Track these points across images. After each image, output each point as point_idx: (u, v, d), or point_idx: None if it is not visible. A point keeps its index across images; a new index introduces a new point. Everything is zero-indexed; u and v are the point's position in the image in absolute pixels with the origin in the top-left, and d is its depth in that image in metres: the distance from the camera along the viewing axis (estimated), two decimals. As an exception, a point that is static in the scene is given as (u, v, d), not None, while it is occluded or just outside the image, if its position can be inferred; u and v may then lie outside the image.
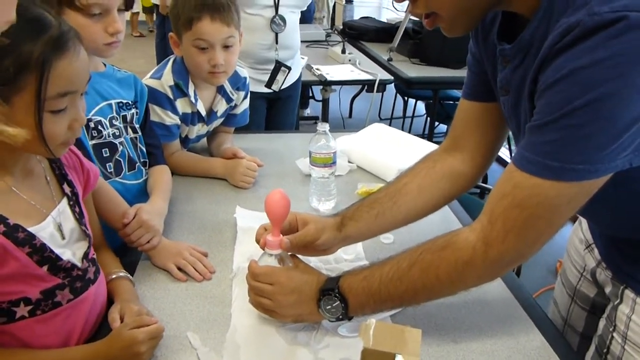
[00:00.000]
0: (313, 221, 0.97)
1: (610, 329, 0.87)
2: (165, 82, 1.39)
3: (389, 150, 1.57)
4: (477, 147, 0.98)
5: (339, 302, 0.84)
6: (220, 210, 1.29)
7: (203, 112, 1.48)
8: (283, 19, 1.93)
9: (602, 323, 0.91)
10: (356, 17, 4.02)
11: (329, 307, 0.85)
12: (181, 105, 1.43)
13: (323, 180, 1.31)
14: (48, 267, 0.79)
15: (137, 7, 7.26)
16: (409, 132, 1.87)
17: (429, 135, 3.01)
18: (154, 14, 5.60)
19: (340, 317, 0.85)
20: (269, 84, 2.02)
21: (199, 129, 1.53)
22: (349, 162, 1.57)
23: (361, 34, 3.46)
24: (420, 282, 0.81)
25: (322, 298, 0.85)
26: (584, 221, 1.03)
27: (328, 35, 3.42)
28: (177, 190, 1.35)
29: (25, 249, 0.75)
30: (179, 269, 1.04)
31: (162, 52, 5.36)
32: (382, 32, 3.41)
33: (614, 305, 0.87)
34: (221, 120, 1.59)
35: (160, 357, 0.83)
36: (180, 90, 1.41)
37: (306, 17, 3.90)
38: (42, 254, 0.77)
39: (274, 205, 0.91)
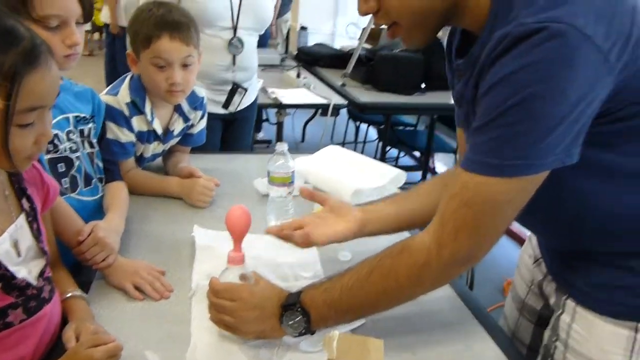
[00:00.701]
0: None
1: (554, 339, 0.92)
2: (122, 99, 1.37)
3: (345, 171, 1.60)
4: None
5: (301, 316, 0.85)
6: (177, 229, 1.28)
7: (159, 131, 1.47)
8: (241, 41, 1.95)
9: (547, 334, 0.96)
10: (310, 43, 4.11)
11: (291, 322, 0.86)
12: (137, 123, 1.41)
13: (281, 200, 1.32)
14: (1, 285, 0.76)
15: (87, 25, 7.08)
16: (361, 156, 1.91)
17: (381, 159, 3.09)
18: (104, 33, 5.50)
19: (303, 331, 0.86)
20: (225, 105, 2.03)
21: (154, 148, 1.52)
22: (306, 182, 1.59)
23: (315, 60, 3.53)
24: (380, 287, 0.84)
25: (284, 313, 0.86)
26: (533, 238, 1.09)
27: (283, 59, 3.47)
28: (133, 209, 1.32)
29: (-21, 266, 0.72)
30: (136, 287, 1.02)
31: (112, 72, 5.25)
32: (335, 59, 3.50)
33: (557, 315, 0.92)
34: (178, 139, 1.58)
35: (118, 377, 0.81)
36: (136, 107, 1.40)
37: (262, 42, 3.95)
38: (-5, 271, 0.75)
39: (236, 220, 0.92)
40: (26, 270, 0.80)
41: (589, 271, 0.86)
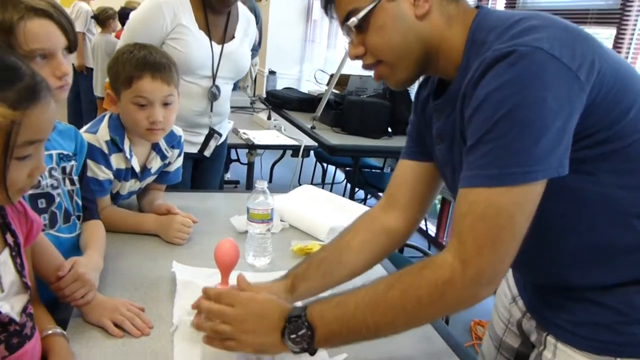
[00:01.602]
0: (265, 289, 0.99)
1: None
2: (101, 136, 1.38)
3: (319, 209, 1.64)
4: (409, 203, 1.07)
5: (305, 330, 0.83)
6: (154, 266, 1.27)
7: (137, 169, 1.47)
8: (218, 89, 2.00)
9: None
10: (279, 87, 4.20)
11: (294, 335, 0.84)
12: (115, 160, 1.42)
13: (260, 237, 1.34)
14: (-16, 320, 0.75)
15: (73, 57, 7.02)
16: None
17: (349, 200, 3.13)
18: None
19: (306, 347, 0.84)
20: (202, 150, 2.06)
21: (131, 185, 1.52)
22: (282, 220, 1.61)
23: (284, 103, 3.61)
24: (399, 303, 0.81)
25: (288, 325, 0.84)
26: (510, 277, 1.12)
27: (253, 102, 3.53)
28: (109, 247, 1.30)
29: (-38, 300, 0.71)
30: (115, 325, 1.00)
31: (75, 110, 5.22)
32: (304, 102, 3.58)
33: (539, 351, 0.94)
34: (154, 177, 1.59)
35: (100, 415, 0.79)
36: (115, 145, 1.41)
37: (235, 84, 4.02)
38: (-21, 306, 0.73)
39: (224, 253, 0.93)
40: (9, 306, 0.79)
41: (567, 308, 0.89)
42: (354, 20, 0.87)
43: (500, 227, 0.76)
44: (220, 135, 2.09)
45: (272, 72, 4.20)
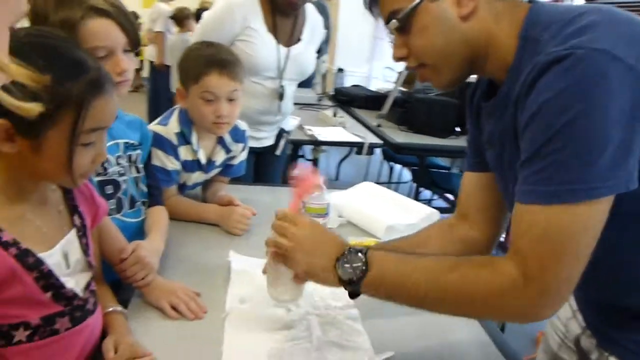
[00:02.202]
0: None
1: None
2: (171, 129, 1.45)
3: (378, 207, 1.63)
4: (481, 215, 1.03)
5: (361, 264, 0.83)
6: (212, 254, 1.32)
7: (203, 161, 1.53)
8: (284, 90, 2.04)
9: None
10: (347, 85, 4.21)
11: (348, 265, 0.84)
12: (183, 152, 1.48)
13: (315, 231, 1.35)
14: (52, 293, 0.81)
15: (137, 63, 7.38)
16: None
17: (414, 200, 3.08)
18: (147, 70, 5.79)
19: (354, 280, 0.84)
20: (273, 150, 2.15)
21: (197, 177, 1.58)
22: (340, 216, 1.62)
23: (351, 100, 3.61)
24: (453, 289, 0.80)
25: (347, 254, 0.85)
26: None
27: (320, 99, 3.56)
28: (172, 234, 1.37)
29: (33, 274, 0.77)
30: (172, 307, 1.05)
31: (154, 107, 5.49)
32: (370, 100, 3.57)
33: None
34: (219, 170, 1.64)
35: (150, 392, 0.84)
36: (184, 138, 1.47)
37: (307, 82, 4.07)
38: (47, 280, 0.79)
39: (303, 176, 0.97)
40: (74, 282, 0.85)
41: (635, 329, 0.84)
42: (394, 21, 0.85)
43: (562, 248, 0.72)
44: (289, 133, 2.14)
45: (340, 70, 4.21)
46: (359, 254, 0.85)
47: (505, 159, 0.85)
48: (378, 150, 4.03)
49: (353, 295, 0.88)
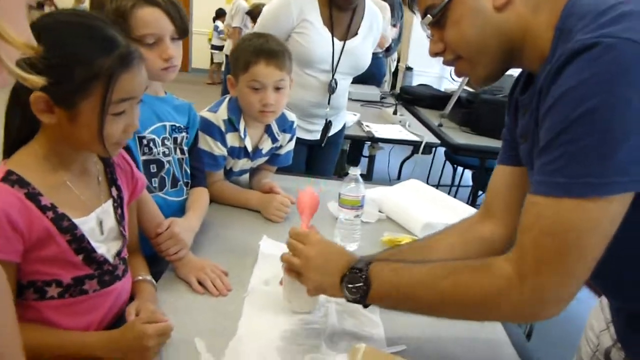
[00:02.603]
0: None
1: None
2: (220, 116, 1.52)
3: (419, 204, 1.61)
4: (506, 211, 1.00)
5: (362, 284, 0.86)
6: (249, 238, 1.37)
7: (249, 148, 1.59)
8: (337, 83, 2.06)
9: None
10: (415, 84, 4.16)
11: (351, 285, 0.87)
12: (231, 139, 1.55)
13: (349, 222, 1.37)
14: (83, 256, 0.88)
15: (219, 58, 7.64)
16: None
17: (471, 203, 3.01)
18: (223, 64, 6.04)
19: (359, 299, 0.87)
20: (321, 141, 2.18)
21: (243, 164, 1.64)
22: (380, 211, 1.62)
23: (416, 100, 3.57)
24: (449, 293, 0.80)
25: (348, 274, 0.88)
26: (604, 299, 1.02)
27: (383, 97, 3.55)
28: (214, 216, 1.45)
29: (67, 237, 0.85)
30: (199, 282, 1.11)
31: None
32: (436, 100, 3.51)
33: None
34: (265, 158, 1.70)
35: (166, 356, 0.89)
36: (232, 125, 1.54)
37: (377, 79, 4.09)
38: (79, 244, 0.87)
39: (305, 198, 1.02)
40: (105, 248, 0.93)
41: None
42: (429, 16, 0.85)
43: (567, 246, 0.70)
44: (331, 124, 2.16)
45: (408, 68, 4.17)
46: (360, 273, 0.87)
47: (535, 151, 0.83)
48: (441, 152, 3.96)
49: (364, 306, 0.90)
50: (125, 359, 0.85)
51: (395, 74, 5.26)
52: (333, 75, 2.04)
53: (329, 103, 2.08)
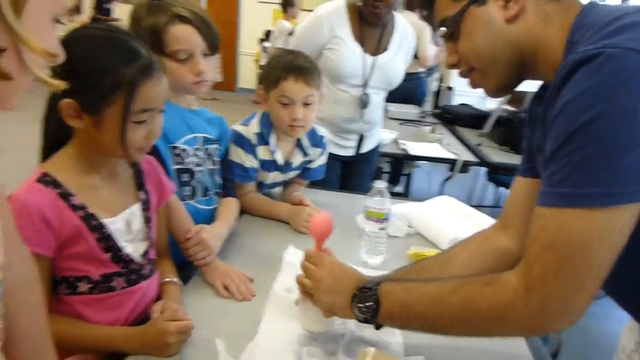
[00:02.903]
0: None
1: None
2: (251, 129, 1.57)
3: (448, 219, 1.61)
4: (523, 222, 0.98)
5: (372, 303, 0.86)
6: (276, 247, 1.40)
7: (280, 162, 1.63)
8: (368, 98, 2.09)
9: None
10: (455, 103, 4.14)
11: (362, 305, 0.88)
12: (261, 152, 1.60)
13: (374, 235, 1.38)
14: (111, 255, 0.94)
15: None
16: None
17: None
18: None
19: (369, 318, 0.87)
20: (355, 154, 2.21)
21: (275, 177, 1.68)
22: (409, 226, 1.62)
23: (455, 119, 3.55)
24: (458, 310, 0.80)
25: (358, 294, 0.88)
26: None
27: (423, 116, 3.55)
28: (244, 226, 1.49)
29: (95, 235, 0.91)
30: (225, 287, 1.15)
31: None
32: (476, 119, 3.47)
33: None
34: (297, 172, 1.73)
35: (186, 353, 0.93)
36: (263, 138, 1.59)
37: (418, 99, 4.11)
38: (107, 242, 0.93)
39: (318, 223, 1.02)
40: (132, 248, 0.98)
41: None
42: (442, 28, 0.87)
43: (571, 257, 0.69)
44: (364, 138, 2.18)
45: (449, 88, 4.16)
46: (369, 292, 0.87)
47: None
48: (483, 172, 3.89)
49: (376, 327, 0.90)
50: (148, 353, 0.89)
51: (438, 93, 5.24)
52: (364, 90, 2.07)
53: (361, 117, 2.11)
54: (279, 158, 1.63)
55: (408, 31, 2.16)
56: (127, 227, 0.97)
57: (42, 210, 0.84)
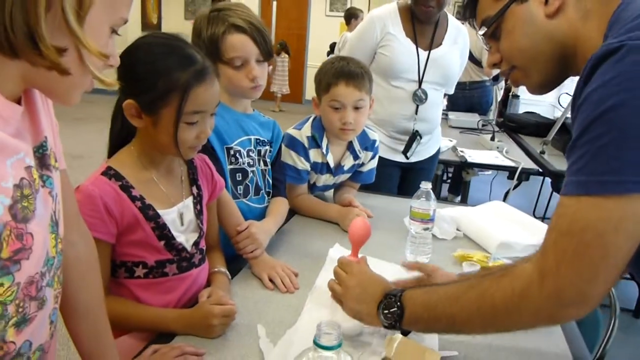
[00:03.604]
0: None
1: None
2: (304, 133, 1.64)
3: (498, 223, 1.59)
4: None
5: (396, 309, 0.89)
6: (323, 245, 1.45)
7: (331, 164, 1.69)
8: (425, 93, 2.10)
9: None
10: (521, 111, 4.03)
11: (387, 311, 0.90)
12: (313, 154, 1.66)
13: (419, 235, 1.40)
14: (164, 243, 1.03)
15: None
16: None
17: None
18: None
19: (394, 324, 0.90)
20: (405, 151, 2.18)
21: (326, 179, 1.74)
22: (458, 229, 1.62)
23: (520, 127, 3.46)
24: (475, 305, 0.81)
25: (384, 300, 0.91)
26: None
27: (484, 124, 3.49)
28: (295, 225, 1.57)
29: (151, 224, 1.00)
30: (270, 279, 1.21)
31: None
32: (541, 127, 3.37)
33: None
34: (348, 175, 1.78)
35: (229, 336, 1.00)
36: (315, 141, 1.65)
37: (483, 107, 4.05)
38: (162, 231, 1.02)
39: (357, 229, 1.06)
40: (184, 238, 1.06)
41: None
42: (484, 28, 0.90)
43: (586, 245, 0.69)
44: (421, 137, 2.16)
45: (515, 96, 4.05)
46: (394, 298, 0.89)
47: None
48: (548, 182, 3.75)
49: (403, 333, 0.92)
50: (194, 334, 0.97)
51: (505, 102, 5.12)
52: (420, 85, 2.09)
53: (416, 113, 2.12)
54: (331, 161, 1.69)
55: (460, 29, 2.17)
56: (180, 218, 1.06)
57: (105, 200, 0.94)
